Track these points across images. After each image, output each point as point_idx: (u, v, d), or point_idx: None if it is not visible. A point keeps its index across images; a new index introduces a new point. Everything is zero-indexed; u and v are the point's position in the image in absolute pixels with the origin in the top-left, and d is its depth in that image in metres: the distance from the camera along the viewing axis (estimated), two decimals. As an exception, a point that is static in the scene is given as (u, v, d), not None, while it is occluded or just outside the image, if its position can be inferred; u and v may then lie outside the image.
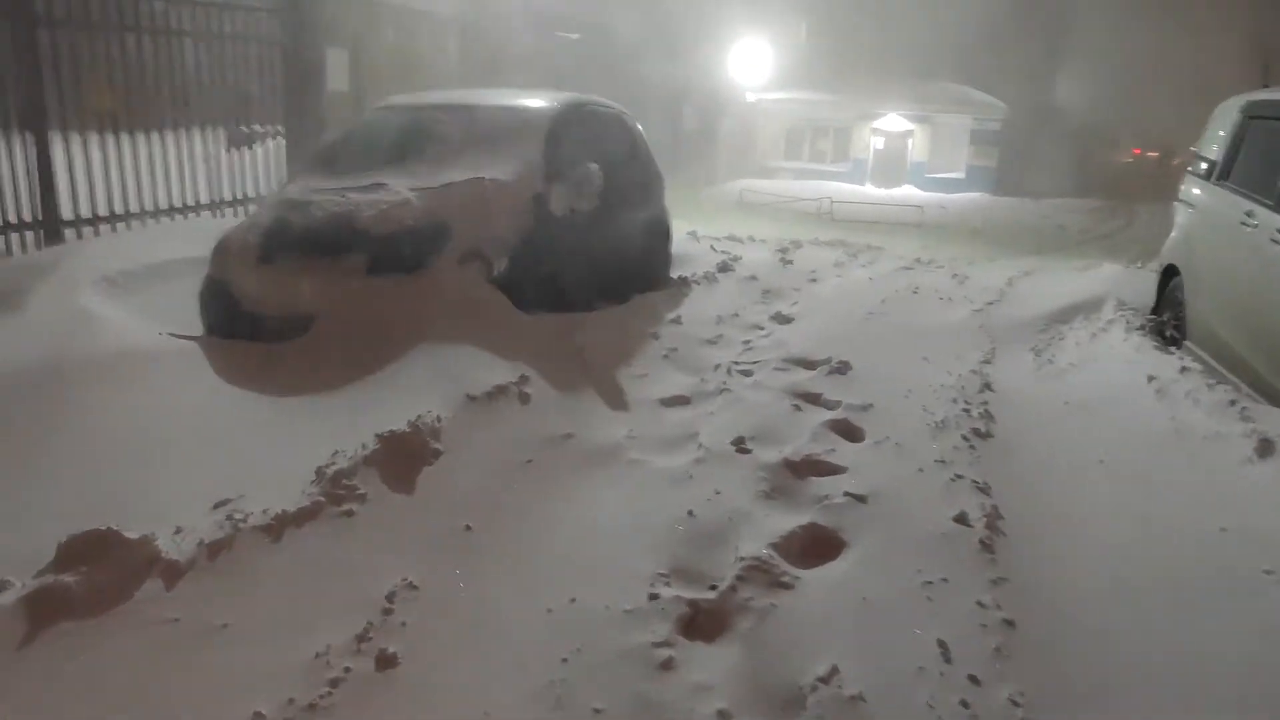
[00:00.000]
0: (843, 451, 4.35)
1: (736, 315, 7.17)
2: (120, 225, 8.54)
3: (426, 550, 3.25)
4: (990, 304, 8.40)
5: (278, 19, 10.24)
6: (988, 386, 5.60)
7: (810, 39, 35.22)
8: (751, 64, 31.89)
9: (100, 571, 2.72)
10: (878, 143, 34.46)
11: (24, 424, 3.79)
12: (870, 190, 30.96)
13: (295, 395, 4.44)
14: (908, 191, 31.26)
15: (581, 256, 6.21)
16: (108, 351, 4.56)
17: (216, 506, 3.33)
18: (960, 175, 33.40)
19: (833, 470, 4.13)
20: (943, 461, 4.24)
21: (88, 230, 8.23)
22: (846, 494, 3.82)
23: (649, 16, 22.13)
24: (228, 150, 9.90)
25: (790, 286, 8.60)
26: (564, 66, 19.15)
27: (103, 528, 2.83)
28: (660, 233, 8.01)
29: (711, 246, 9.74)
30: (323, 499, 3.36)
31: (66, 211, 8.03)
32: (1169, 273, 7.30)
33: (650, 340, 5.92)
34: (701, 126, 28.35)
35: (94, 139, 8.19)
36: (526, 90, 7.01)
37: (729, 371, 5.50)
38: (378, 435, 3.77)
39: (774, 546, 3.36)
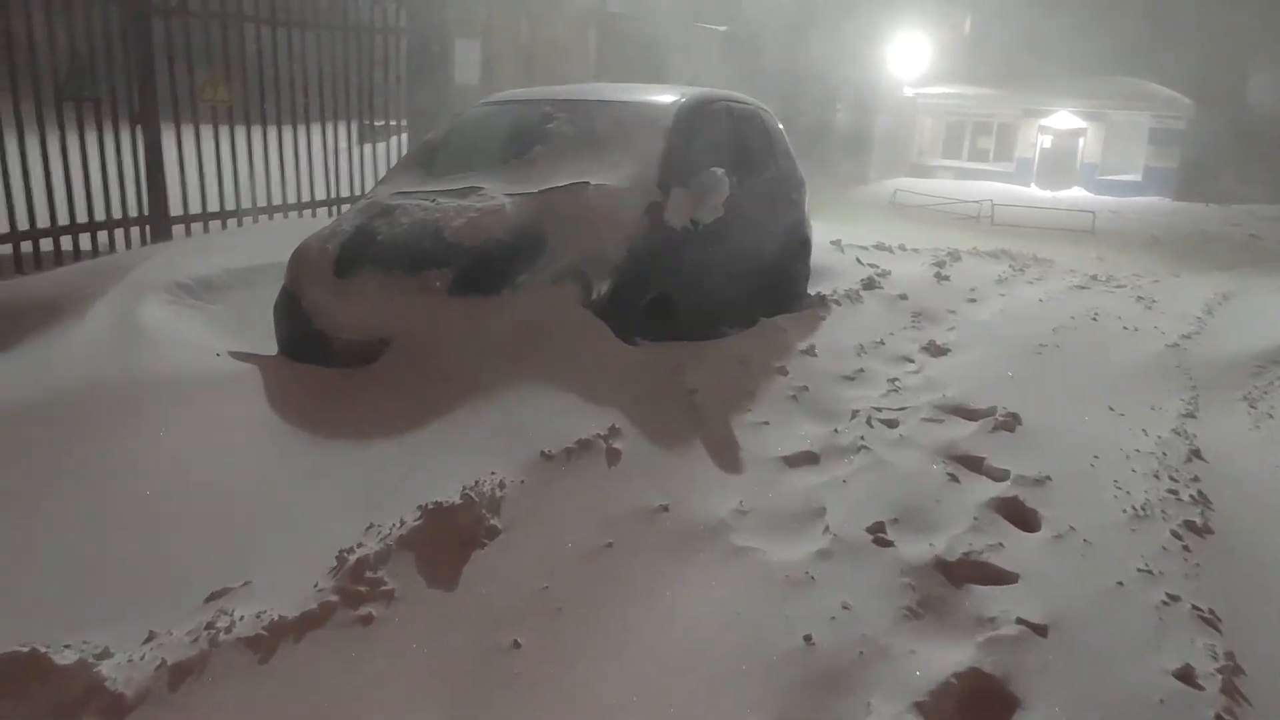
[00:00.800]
0: (1013, 547, 3.39)
1: (881, 344, 6.21)
2: (232, 222, 8.21)
3: (455, 679, 2.50)
4: (1187, 336, 7.15)
5: (405, 8, 9.79)
6: (1196, 454, 4.50)
7: (974, 31, 33.29)
8: (910, 57, 30.34)
9: (14, 714, 2.07)
10: (1045, 141, 32.27)
11: (7, 474, 3.24)
12: (1035, 193, 28.91)
13: (347, 439, 3.78)
14: (1077, 195, 29.06)
15: (701, 275, 5.39)
16: (149, 376, 4.01)
17: (210, 599, 2.68)
18: (1136, 178, 30.88)
19: (1000, 578, 3.18)
20: (1149, 571, 3.24)
21: (197, 227, 7.92)
22: (1020, 621, 2.87)
23: (803, 7, 21.08)
24: (358, 144, 9.51)
25: (946, 308, 7.55)
26: (709, 60, 18.33)
27: (25, 649, 2.18)
28: (798, 245, 7.09)
29: (857, 259, 8.75)
30: (335, 598, 2.65)
31: (176, 207, 7.72)
32: None
33: (776, 377, 5.05)
34: (855, 123, 27.03)
35: (207, 132, 7.87)
36: (651, 85, 6.23)
37: (869, 421, 4.58)
38: (420, 507, 3.06)
39: (919, 707, 2.46)
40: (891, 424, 4.63)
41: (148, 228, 7.51)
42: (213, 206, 8.01)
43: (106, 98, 7.03)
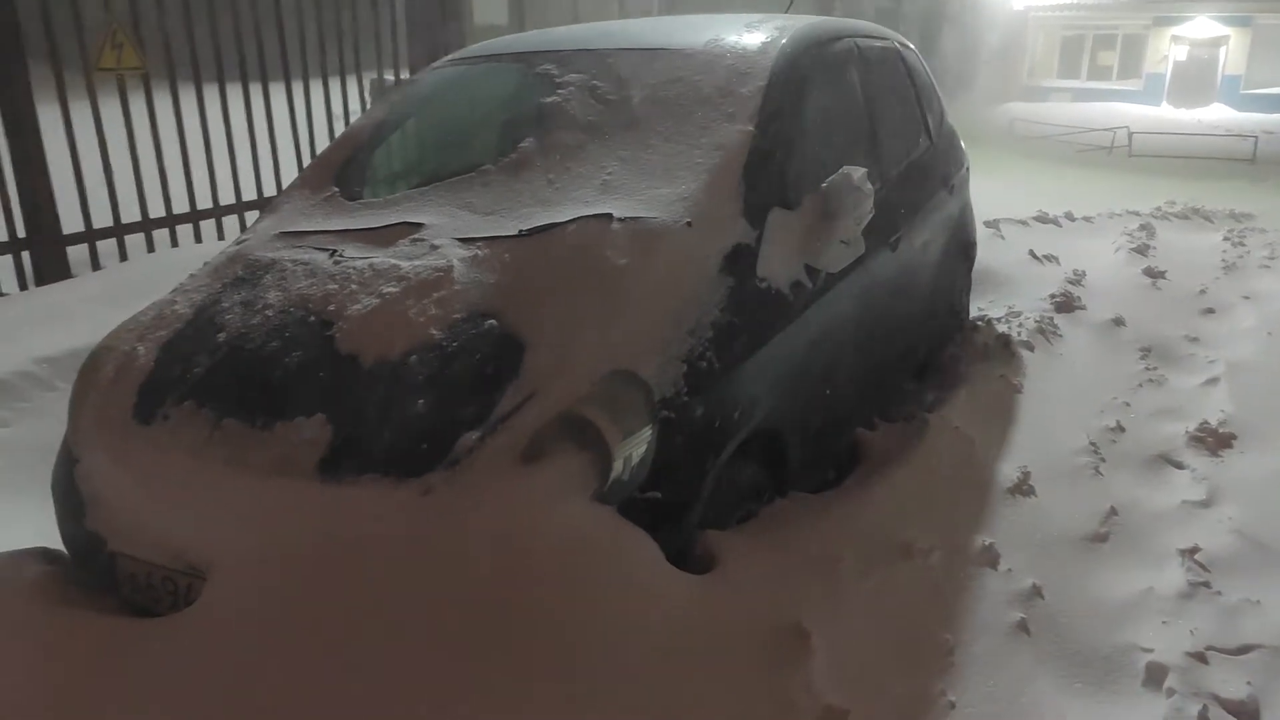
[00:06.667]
0: None
1: (1121, 430, 3.77)
2: (161, 235, 6.05)
3: None
4: None
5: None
6: None
7: (1093, -71, 29.31)
8: (1021, -36, 26.75)
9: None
10: (1178, 53, 28.35)
11: None
12: (1169, 113, 25.27)
13: None
14: (1218, 113, 25.34)
15: (827, 370, 2.99)
16: None
17: None
18: (1288, 90, 26.89)
19: None
20: None
21: (107, 246, 5.76)
22: None
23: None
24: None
25: (1182, 333, 4.99)
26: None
27: None
28: (959, 256, 4.61)
29: (1030, 251, 6.14)
30: None
31: (71, 222, 5.57)
32: None
33: (978, 576, 2.65)
34: (960, 43, 23.75)
35: (115, 110, 5.67)
36: (725, 18, 3.74)
37: (1204, 700, 2.20)
38: None
39: None
40: (1246, 713, 2.23)
41: (27, 253, 5.37)
42: (128, 215, 5.83)
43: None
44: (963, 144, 4.75)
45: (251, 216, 6.28)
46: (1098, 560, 2.87)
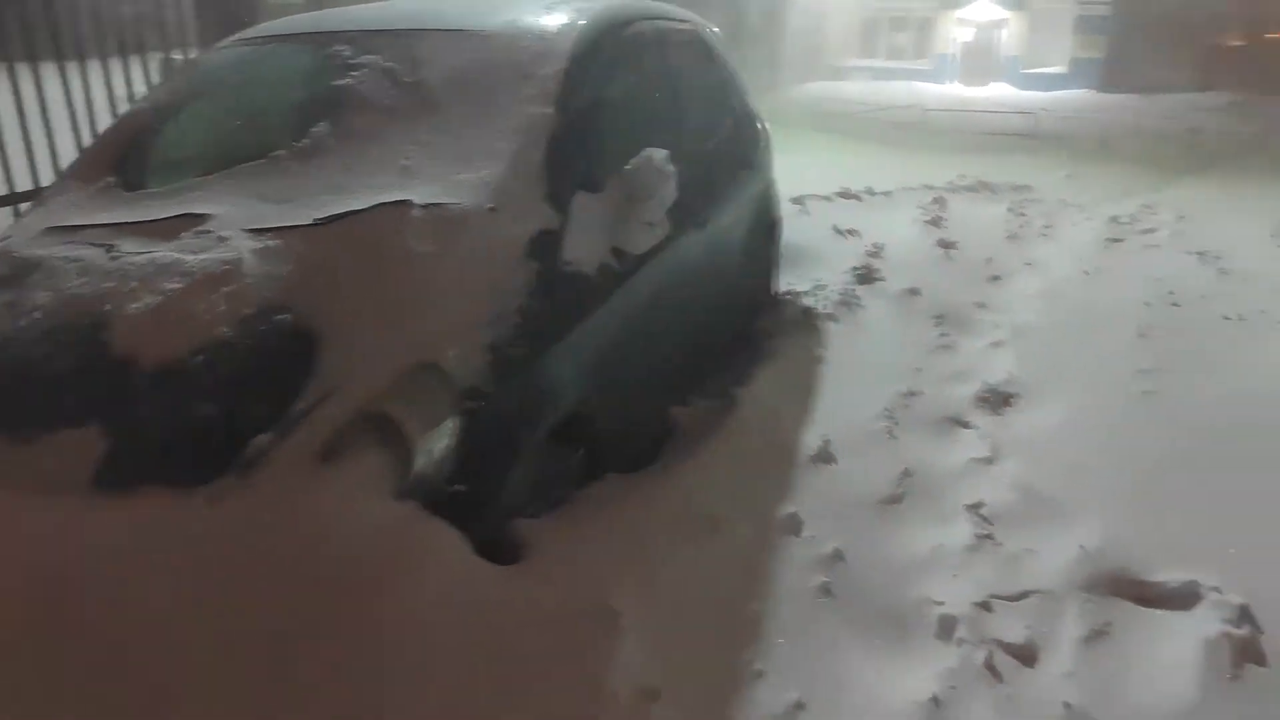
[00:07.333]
0: None
1: (915, 395, 3.98)
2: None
3: None
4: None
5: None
6: None
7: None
8: (820, -53, 27.66)
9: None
10: (965, 35, 30.13)
11: None
12: (959, 91, 26.83)
13: None
14: (1001, 91, 27.10)
15: (638, 350, 3.02)
16: None
17: None
18: (1061, 69, 29.02)
19: None
20: None
21: None
22: None
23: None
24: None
25: (971, 300, 5.33)
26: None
27: None
28: (765, 233, 4.75)
29: (834, 226, 6.40)
30: None
31: None
32: None
33: (783, 543, 2.75)
34: (764, 24, 24.37)
35: None
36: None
37: (989, 663, 2.36)
38: None
39: None
40: (1026, 655, 2.41)
41: None
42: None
43: None
44: (766, 123, 4.89)
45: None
46: (894, 520, 3.03)
